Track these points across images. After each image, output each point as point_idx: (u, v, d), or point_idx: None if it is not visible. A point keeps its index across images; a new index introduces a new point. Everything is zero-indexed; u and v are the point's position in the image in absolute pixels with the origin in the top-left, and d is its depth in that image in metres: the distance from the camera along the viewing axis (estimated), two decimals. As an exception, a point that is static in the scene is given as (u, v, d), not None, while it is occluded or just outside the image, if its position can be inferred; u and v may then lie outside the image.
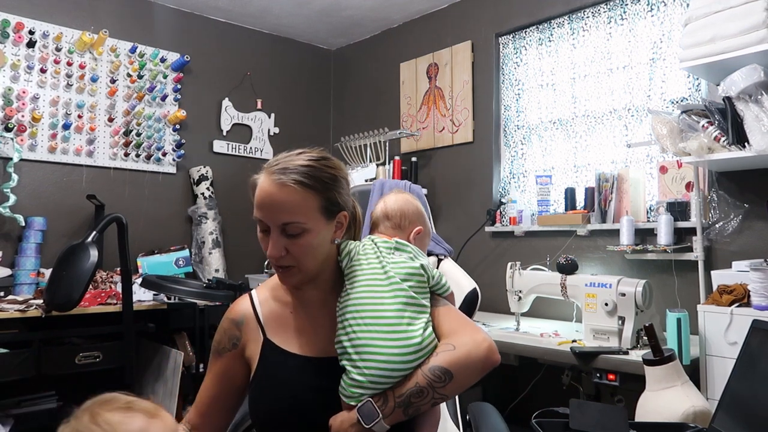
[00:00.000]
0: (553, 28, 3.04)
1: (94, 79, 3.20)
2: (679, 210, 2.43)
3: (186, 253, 3.32)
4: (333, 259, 1.15)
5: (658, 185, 2.56)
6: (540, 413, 1.13)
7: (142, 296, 2.86)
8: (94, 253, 2.30)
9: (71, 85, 3.13)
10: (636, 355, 1.97)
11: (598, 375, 2.04)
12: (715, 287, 2.09)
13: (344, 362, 1.04)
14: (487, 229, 3.18)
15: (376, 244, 1.17)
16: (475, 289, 1.54)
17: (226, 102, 3.77)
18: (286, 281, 1.11)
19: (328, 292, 1.14)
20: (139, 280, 2.87)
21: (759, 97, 1.95)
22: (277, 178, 1.03)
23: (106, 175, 3.28)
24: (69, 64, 3.12)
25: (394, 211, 1.28)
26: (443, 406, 1.37)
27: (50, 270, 2.48)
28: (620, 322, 2.11)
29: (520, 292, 2.50)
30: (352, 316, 1.06)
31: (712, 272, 2.21)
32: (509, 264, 2.56)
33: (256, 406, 1.10)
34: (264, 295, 1.17)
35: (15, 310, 2.43)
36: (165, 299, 2.87)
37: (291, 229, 1.03)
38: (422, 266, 1.13)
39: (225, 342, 1.14)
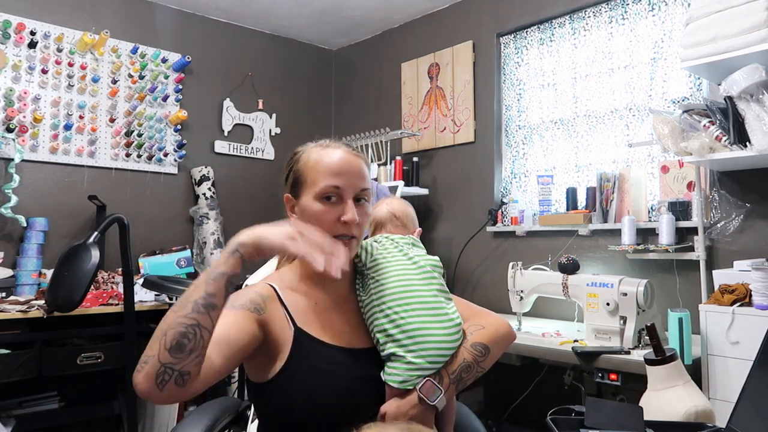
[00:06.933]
0: (555, 27, 3.04)
1: (95, 80, 3.20)
2: (680, 209, 2.43)
3: (187, 253, 3.32)
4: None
5: (659, 185, 2.56)
6: (555, 411, 1.13)
7: (144, 297, 2.87)
8: (95, 254, 2.31)
9: (72, 86, 3.14)
10: (638, 355, 1.96)
11: (600, 375, 2.04)
12: (716, 287, 2.09)
13: (394, 349, 1.08)
14: (489, 229, 3.18)
15: (393, 240, 1.23)
16: None
17: (227, 102, 3.77)
18: (346, 255, 1.06)
19: (347, 290, 1.18)
20: (141, 281, 2.87)
21: (760, 96, 1.95)
22: (351, 150, 1.16)
23: (108, 175, 3.28)
24: (70, 64, 3.12)
25: (401, 212, 1.35)
26: None
27: (52, 271, 2.49)
28: (622, 321, 2.11)
29: (522, 292, 2.50)
30: (395, 303, 1.11)
31: (714, 272, 2.21)
32: (511, 264, 2.56)
33: (291, 395, 1.04)
34: (280, 286, 1.12)
35: (16, 311, 2.43)
36: (167, 300, 2.87)
37: (365, 194, 1.13)
38: (438, 259, 1.23)
39: (245, 302, 1.04)
